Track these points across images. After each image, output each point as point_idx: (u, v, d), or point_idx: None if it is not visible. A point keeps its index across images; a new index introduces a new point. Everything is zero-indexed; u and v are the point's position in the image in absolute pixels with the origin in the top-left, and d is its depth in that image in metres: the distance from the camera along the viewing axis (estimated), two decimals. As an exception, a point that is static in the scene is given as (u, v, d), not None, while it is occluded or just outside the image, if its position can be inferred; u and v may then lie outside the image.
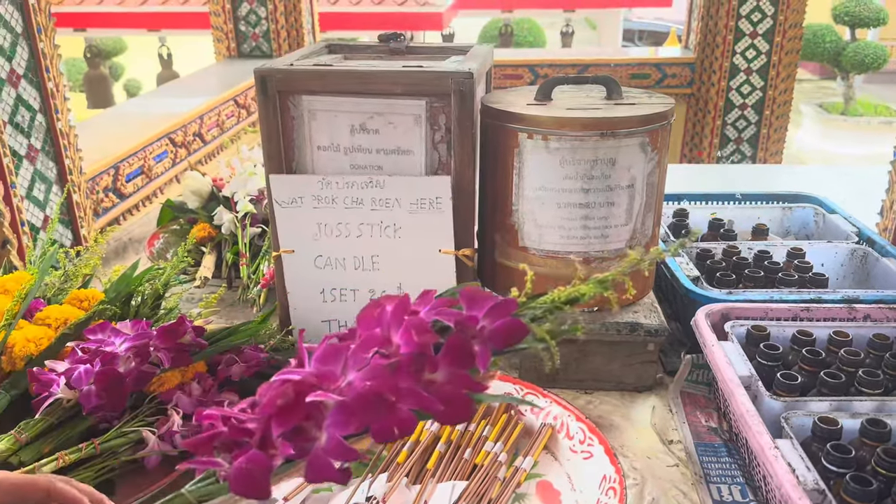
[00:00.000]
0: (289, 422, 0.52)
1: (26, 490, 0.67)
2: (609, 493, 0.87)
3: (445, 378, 0.56)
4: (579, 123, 1.00)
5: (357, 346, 0.57)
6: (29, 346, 0.90)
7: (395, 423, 0.53)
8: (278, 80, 1.04)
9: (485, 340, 0.58)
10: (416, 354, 0.55)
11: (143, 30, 7.20)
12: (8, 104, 1.48)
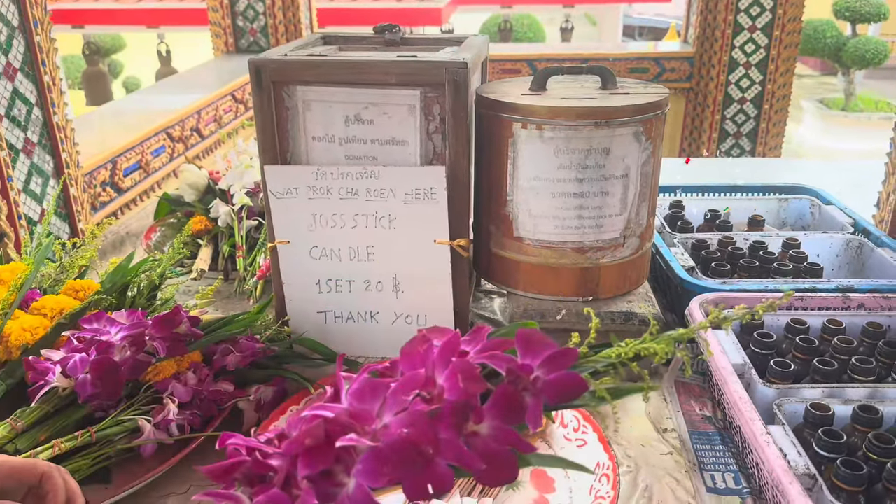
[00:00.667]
0: (317, 464, 0.50)
1: (21, 471, 0.67)
2: (602, 480, 0.88)
3: (490, 432, 0.51)
4: (573, 113, 1.01)
5: (398, 385, 0.53)
6: (25, 336, 0.91)
7: (431, 479, 0.49)
8: (272, 71, 1.04)
9: (538, 393, 0.53)
10: (460, 403, 0.52)
11: (142, 26, 7.19)
12: (4, 97, 1.48)
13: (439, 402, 0.51)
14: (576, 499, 0.88)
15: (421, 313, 1.14)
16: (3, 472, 0.68)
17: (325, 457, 0.50)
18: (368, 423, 0.51)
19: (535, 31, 12.51)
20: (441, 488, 0.49)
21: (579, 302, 1.10)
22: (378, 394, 0.53)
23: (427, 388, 0.53)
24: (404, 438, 0.49)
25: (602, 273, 1.09)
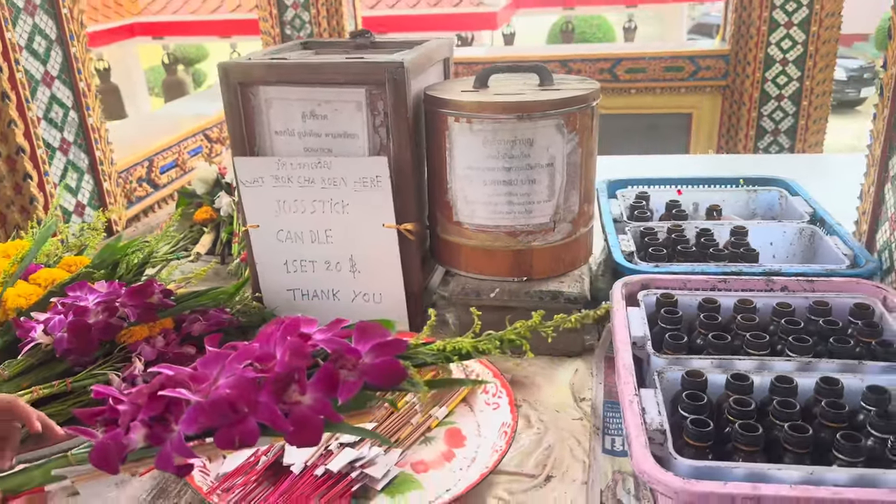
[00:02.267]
0: (149, 410, 0.60)
1: None
2: (502, 436, 0.97)
3: (311, 402, 0.61)
4: (499, 107, 1.10)
5: (234, 355, 0.64)
6: (19, 301, 1.07)
7: (238, 433, 0.59)
8: (237, 73, 1.18)
9: (359, 374, 0.63)
10: (285, 374, 0.61)
11: (215, 36, 7.60)
12: (43, 102, 1.69)
13: (270, 373, 0.62)
14: (480, 452, 0.98)
15: (376, 292, 1.26)
16: None
17: (156, 405, 0.61)
18: (204, 383, 0.63)
19: (603, 31, 12.42)
20: (246, 442, 0.59)
21: (514, 282, 1.19)
22: (219, 361, 0.65)
23: (263, 361, 0.64)
24: (224, 397, 0.60)
25: (534, 255, 1.18)
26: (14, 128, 1.60)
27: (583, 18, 11.89)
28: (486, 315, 1.20)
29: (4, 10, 1.55)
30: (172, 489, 0.94)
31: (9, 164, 1.62)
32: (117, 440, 0.61)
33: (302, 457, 0.93)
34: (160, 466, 0.60)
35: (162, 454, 0.60)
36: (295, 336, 0.67)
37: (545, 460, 0.98)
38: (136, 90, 8.79)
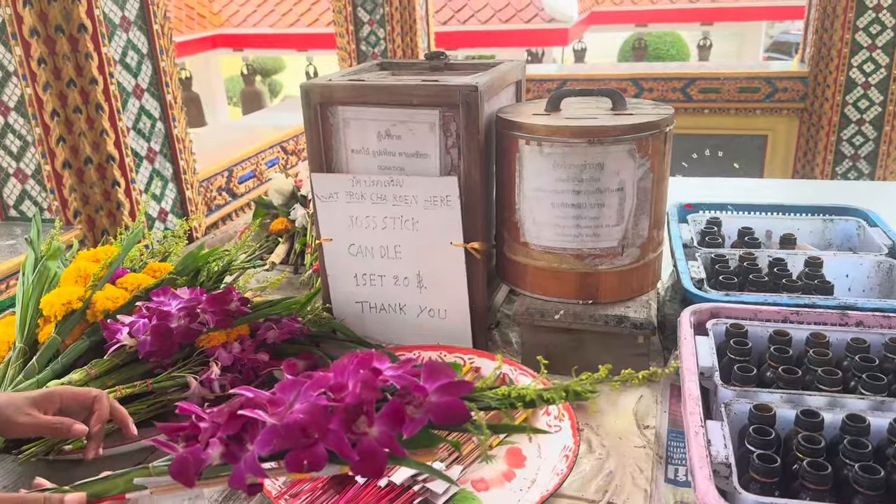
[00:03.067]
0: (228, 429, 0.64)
1: (82, 394, 0.89)
2: (563, 459, 0.98)
3: (377, 435, 0.64)
4: (569, 131, 1.11)
5: (310, 384, 0.67)
6: (107, 303, 1.14)
7: (308, 457, 0.62)
8: (318, 94, 1.22)
9: (424, 412, 0.65)
10: (355, 405, 0.64)
11: (293, 50, 7.84)
12: (132, 113, 1.79)
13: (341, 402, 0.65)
14: (540, 474, 0.98)
15: (441, 308, 1.28)
16: (67, 395, 0.90)
17: (234, 425, 0.65)
18: (280, 407, 0.66)
19: (677, 48, 12.23)
20: (314, 466, 0.62)
21: (579, 304, 1.20)
22: (296, 388, 0.68)
23: (336, 391, 0.67)
24: (298, 421, 0.63)
25: (601, 279, 1.18)
26: (105, 137, 1.70)
27: (656, 35, 11.73)
28: (550, 337, 1.22)
29: (102, 26, 1.65)
30: (242, 493, 0.98)
31: (99, 171, 1.72)
32: (196, 455, 0.64)
33: (366, 467, 0.96)
34: (233, 484, 0.64)
35: (236, 472, 0.63)
36: (367, 370, 0.69)
37: (606, 486, 0.98)
38: (216, 99, 9.13)
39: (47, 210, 1.75)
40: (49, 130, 1.65)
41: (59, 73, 1.62)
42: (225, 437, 0.64)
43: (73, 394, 0.91)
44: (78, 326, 1.13)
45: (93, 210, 1.73)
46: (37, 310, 1.14)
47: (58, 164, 1.67)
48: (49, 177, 1.69)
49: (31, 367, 1.06)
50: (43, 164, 1.68)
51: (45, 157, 1.67)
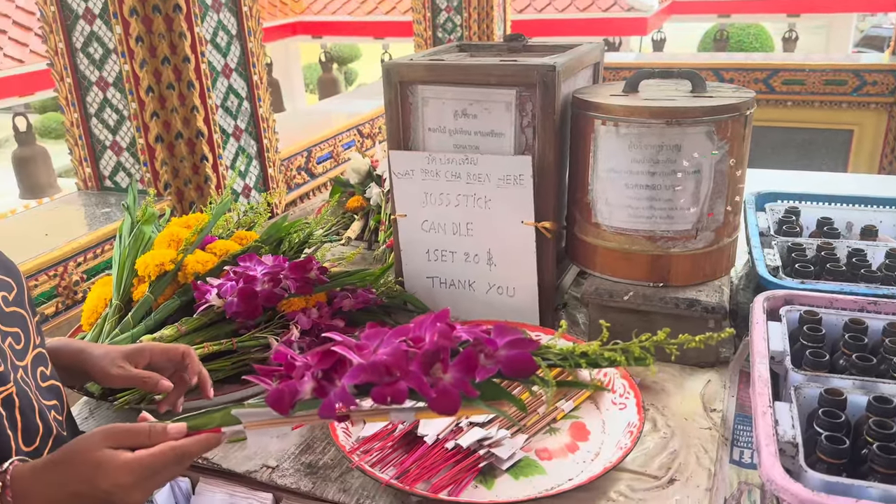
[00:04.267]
0: (323, 363, 0.71)
1: (171, 350, 0.95)
2: (627, 435, 0.99)
3: (451, 380, 0.70)
4: (647, 111, 1.12)
5: (392, 332, 0.74)
6: (197, 266, 1.21)
7: (391, 392, 0.68)
8: (399, 73, 1.26)
9: (494, 361, 0.71)
10: (432, 351, 0.70)
11: (370, 37, 7.95)
12: (221, 92, 1.87)
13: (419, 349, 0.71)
14: (604, 448, 1.00)
15: (510, 285, 1.31)
16: (157, 350, 0.96)
17: (327, 360, 0.71)
18: (366, 350, 0.72)
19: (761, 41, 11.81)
20: (396, 399, 0.68)
21: (650, 286, 1.20)
22: (379, 336, 0.73)
23: (415, 342, 0.73)
24: (382, 361, 0.70)
25: (673, 261, 1.18)
26: (196, 113, 1.79)
27: (739, 27, 11.36)
28: (619, 317, 1.23)
29: (196, 7, 1.74)
30: (318, 446, 1.03)
31: (189, 146, 1.81)
32: (291, 387, 0.70)
33: (435, 430, 1.00)
34: (323, 414, 0.69)
35: (326, 404, 0.68)
36: (443, 323, 0.74)
37: (669, 464, 0.98)
38: (294, 86, 9.35)
39: (140, 181, 1.86)
40: (144, 105, 1.74)
41: (154, 50, 1.71)
42: (316, 374, 0.70)
43: (162, 349, 0.97)
44: (169, 287, 1.21)
45: (182, 183, 1.83)
46: (132, 270, 1.22)
47: (151, 138, 1.77)
48: (142, 150, 1.79)
49: (126, 322, 1.15)
50: (137, 137, 1.78)
51: (139, 131, 1.77)
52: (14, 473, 0.71)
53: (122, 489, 0.70)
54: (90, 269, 1.64)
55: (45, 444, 0.85)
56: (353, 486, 0.96)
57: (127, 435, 0.73)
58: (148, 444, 0.72)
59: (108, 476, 0.70)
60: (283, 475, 0.98)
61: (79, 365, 0.94)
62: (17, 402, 0.80)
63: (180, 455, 0.72)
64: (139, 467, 0.71)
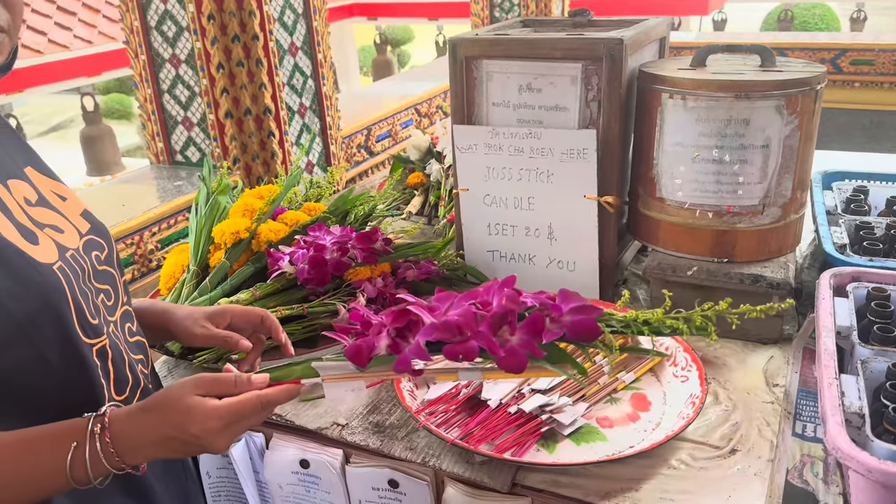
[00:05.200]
0: (397, 322, 0.75)
1: (250, 313, 1.00)
2: (689, 406, 1.00)
3: (518, 341, 0.73)
4: (715, 85, 1.11)
5: (461, 296, 0.78)
6: (270, 235, 1.26)
7: (462, 350, 0.72)
8: (465, 47, 1.28)
9: (560, 326, 0.74)
10: (501, 314, 0.74)
11: (424, 19, 7.96)
12: (287, 70, 1.92)
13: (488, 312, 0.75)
14: (665, 419, 1.01)
15: (571, 260, 1.32)
16: (236, 313, 1.01)
17: (402, 318, 0.74)
18: (438, 311, 0.75)
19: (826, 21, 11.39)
20: (467, 356, 0.72)
21: (714, 262, 1.20)
22: (449, 299, 0.77)
23: (484, 306, 0.76)
24: (454, 321, 0.73)
25: (738, 237, 1.18)
26: (264, 90, 1.84)
27: (804, 7, 10.97)
28: (680, 292, 1.23)
29: (265, -14, 1.79)
30: (384, 407, 1.07)
31: (257, 122, 1.87)
32: (368, 343, 0.74)
33: (498, 394, 1.02)
34: (399, 368, 0.72)
35: (401, 359, 0.72)
36: (511, 288, 0.76)
37: (731, 435, 0.99)
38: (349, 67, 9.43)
39: (210, 156, 1.93)
40: (214, 82, 1.80)
41: (225, 28, 1.77)
42: (391, 332, 0.73)
43: (242, 312, 1.02)
44: (244, 254, 1.26)
45: (250, 158, 1.89)
46: (208, 238, 1.28)
47: (221, 114, 1.83)
48: (213, 125, 1.85)
49: (204, 285, 1.20)
50: (207, 113, 1.85)
51: (209, 107, 1.84)
52: (111, 416, 0.76)
53: (210, 433, 0.75)
54: (164, 239, 1.72)
55: (134, 395, 0.90)
56: (419, 444, 1.00)
57: (215, 383, 0.78)
58: (234, 392, 0.77)
59: (197, 421, 0.75)
60: (353, 433, 1.03)
61: (162, 324, 1.00)
62: (110, 354, 0.86)
63: (264, 403, 0.77)
64: (226, 413, 0.75)
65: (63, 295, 0.79)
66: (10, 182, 0.82)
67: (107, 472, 0.76)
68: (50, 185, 0.89)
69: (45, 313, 0.78)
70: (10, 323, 0.75)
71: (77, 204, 0.92)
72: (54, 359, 0.79)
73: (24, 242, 0.78)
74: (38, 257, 0.78)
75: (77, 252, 0.85)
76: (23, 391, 0.79)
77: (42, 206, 0.85)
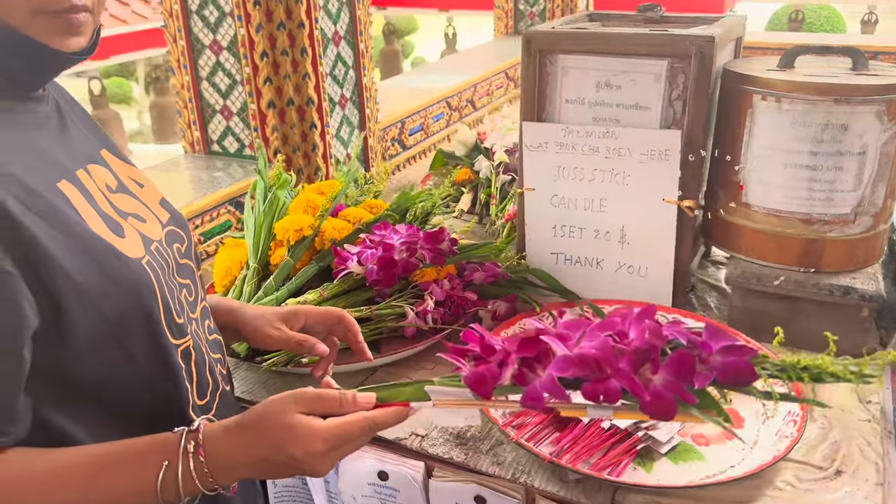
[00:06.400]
0: (524, 351, 0.68)
1: (327, 314, 0.95)
2: (790, 424, 0.96)
3: (662, 383, 0.65)
4: (814, 88, 1.06)
5: (596, 325, 0.70)
6: (334, 233, 1.21)
7: (603, 390, 0.64)
8: (540, 41, 1.23)
9: (710, 367, 0.66)
10: (642, 350, 0.66)
11: (435, 9, 7.88)
12: (330, 59, 1.86)
13: (627, 346, 0.67)
14: (762, 436, 0.97)
15: (643, 265, 1.27)
16: (312, 314, 0.96)
17: (531, 348, 0.68)
18: (569, 341, 0.69)
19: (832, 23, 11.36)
20: (609, 398, 0.64)
21: (800, 272, 1.15)
22: (581, 327, 0.70)
23: (619, 335, 0.69)
24: (590, 356, 0.66)
25: (827, 246, 1.13)
26: (307, 80, 1.78)
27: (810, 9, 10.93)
28: (763, 303, 1.19)
29: (310, -27, 1.72)
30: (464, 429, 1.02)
31: (300, 113, 1.81)
32: (492, 371, 0.67)
33: (589, 409, 0.97)
34: (528, 403, 0.66)
35: (531, 393, 0.66)
36: (651, 320, 0.70)
37: (833, 455, 0.95)
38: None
39: (248, 147, 1.86)
40: (258, 70, 1.74)
41: (270, 15, 1.71)
42: (517, 361, 0.67)
43: (318, 313, 0.97)
44: (307, 252, 1.21)
45: (291, 150, 1.83)
46: (269, 234, 1.22)
47: (263, 104, 1.77)
48: (254, 115, 1.79)
49: (268, 284, 1.15)
50: (249, 102, 1.79)
51: (251, 96, 1.78)
52: (205, 433, 0.70)
53: (313, 457, 0.69)
54: (206, 232, 1.66)
55: (214, 399, 0.85)
56: (506, 459, 0.95)
57: (318, 401, 0.71)
58: (339, 412, 0.71)
59: (299, 442, 0.68)
60: (434, 444, 0.98)
61: (230, 323, 0.95)
62: (193, 355, 0.81)
63: (372, 426, 0.71)
64: (332, 436, 0.69)
65: (153, 293, 0.74)
66: (91, 167, 0.77)
67: (198, 493, 0.70)
68: (126, 171, 0.84)
69: (136, 313, 0.73)
70: (103, 324, 0.69)
71: (155, 191, 0.86)
72: (143, 362, 0.74)
73: (111, 235, 0.72)
74: (126, 251, 0.72)
75: (161, 244, 0.80)
76: (113, 397, 0.73)
77: (122, 193, 0.79)
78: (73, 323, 0.66)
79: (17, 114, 0.71)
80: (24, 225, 0.63)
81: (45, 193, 0.66)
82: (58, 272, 0.65)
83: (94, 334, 0.69)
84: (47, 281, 0.64)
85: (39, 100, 0.75)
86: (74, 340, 0.67)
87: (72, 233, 0.67)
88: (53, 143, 0.73)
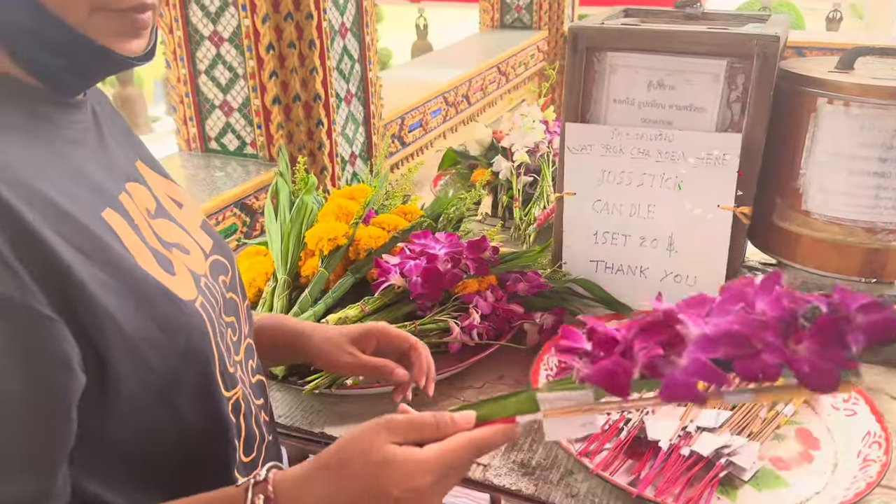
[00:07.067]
0: (650, 338, 0.57)
1: (399, 338, 0.86)
2: (873, 447, 0.91)
3: (809, 352, 0.56)
4: (886, 92, 1.01)
5: (723, 298, 0.59)
6: (370, 242, 1.12)
7: (760, 369, 0.55)
8: (588, 38, 1.16)
9: (854, 328, 0.57)
10: (784, 318, 0.57)
11: (406, 1, 7.75)
12: (337, 52, 1.76)
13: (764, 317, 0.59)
14: (841, 458, 0.92)
15: (691, 274, 1.21)
16: (383, 335, 0.87)
17: (660, 332, 0.58)
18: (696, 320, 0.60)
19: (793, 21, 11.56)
20: (769, 377, 0.55)
21: (861, 282, 1.11)
22: (705, 305, 0.62)
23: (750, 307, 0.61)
24: (734, 329, 0.56)
25: (891, 256, 1.09)
26: (315, 75, 1.68)
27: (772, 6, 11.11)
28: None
29: (317, -40, 1.62)
30: (524, 443, 0.95)
31: (306, 109, 1.71)
32: (623, 365, 0.57)
33: (666, 434, 0.91)
34: (671, 396, 0.57)
35: (672, 381, 0.56)
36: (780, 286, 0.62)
37: (920, 479, 0.90)
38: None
39: (250, 145, 1.76)
40: (263, 64, 1.64)
41: (277, 5, 1.60)
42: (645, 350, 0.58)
43: (389, 335, 0.87)
44: (340, 263, 1.12)
45: (296, 148, 1.73)
46: (298, 243, 1.13)
47: (268, 100, 1.67)
48: (258, 111, 1.69)
49: (304, 299, 1.06)
50: (252, 97, 1.68)
51: (255, 91, 1.67)
52: (276, 483, 0.60)
53: (419, 493, 0.58)
54: (212, 237, 1.56)
55: (260, 453, 0.75)
56: (580, 490, 0.88)
57: (412, 428, 0.60)
58: (437, 437, 0.60)
59: (400, 478, 0.58)
60: (498, 474, 0.90)
61: (295, 346, 0.85)
62: (242, 407, 0.71)
63: (479, 448, 0.60)
64: (438, 465, 0.58)
65: (207, 341, 0.63)
66: (130, 186, 0.66)
67: None
68: (164, 187, 0.73)
69: (189, 366, 0.62)
70: (152, 381, 0.58)
71: (196, 213, 0.75)
72: (191, 420, 0.63)
73: (162, 273, 0.61)
74: (179, 293, 0.62)
75: (207, 279, 0.69)
76: (149, 461, 0.62)
77: (163, 218, 0.68)
78: (117, 379, 0.56)
79: (55, 125, 0.60)
80: (65, 264, 0.52)
81: (90, 226, 0.56)
82: (106, 321, 0.54)
83: (139, 391, 0.58)
84: (93, 331, 0.54)
85: (78, 106, 0.63)
86: (118, 400, 0.57)
87: (120, 273, 0.57)
88: (93, 161, 0.62)
